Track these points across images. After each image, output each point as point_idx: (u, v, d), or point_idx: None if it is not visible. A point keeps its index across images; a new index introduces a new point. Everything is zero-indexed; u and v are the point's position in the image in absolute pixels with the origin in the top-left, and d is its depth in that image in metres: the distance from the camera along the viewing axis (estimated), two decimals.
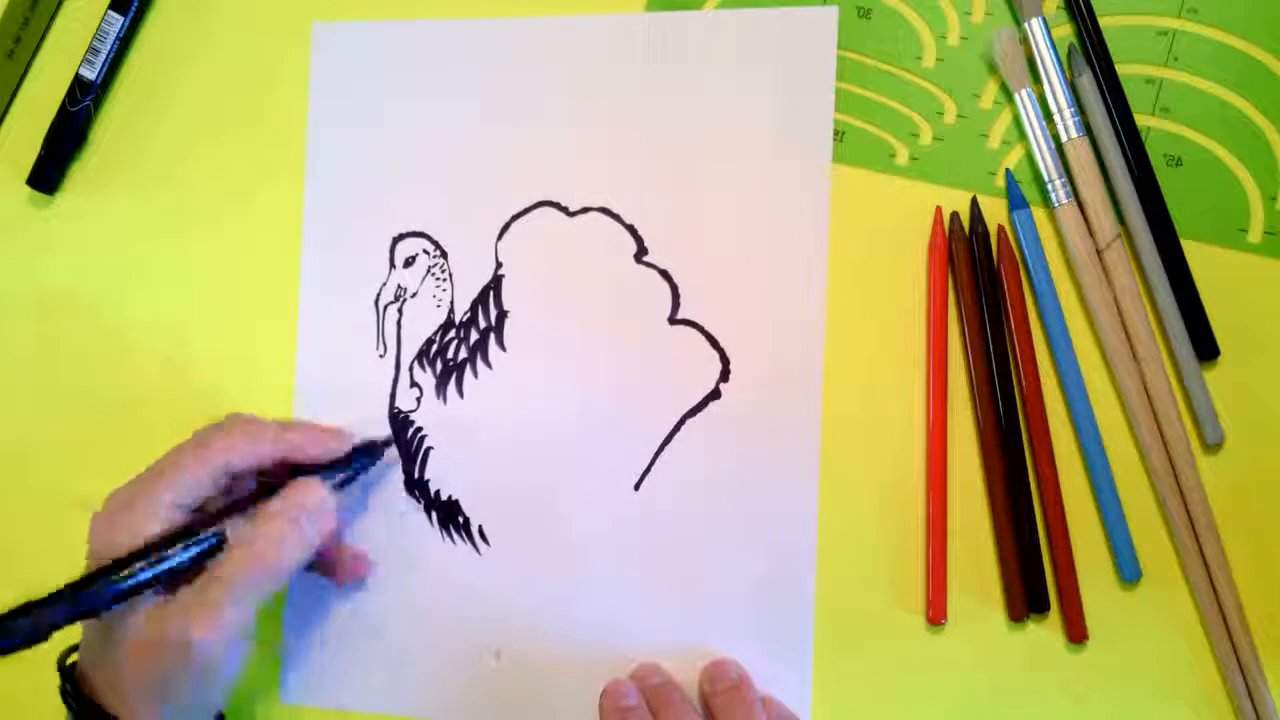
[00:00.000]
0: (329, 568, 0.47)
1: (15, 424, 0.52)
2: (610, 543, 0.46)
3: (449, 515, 0.48)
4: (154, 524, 0.40)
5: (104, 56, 0.51)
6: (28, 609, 0.37)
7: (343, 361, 0.49)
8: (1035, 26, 0.44)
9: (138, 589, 0.39)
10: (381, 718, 0.48)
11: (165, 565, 0.39)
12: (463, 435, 0.48)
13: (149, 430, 0.50)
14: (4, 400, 0.52)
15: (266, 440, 0.44)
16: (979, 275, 0.44)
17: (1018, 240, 0.44)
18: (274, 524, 0.41)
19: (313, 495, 0.43)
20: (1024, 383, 0.44)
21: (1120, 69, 0.44)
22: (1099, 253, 0.44)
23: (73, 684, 0.41)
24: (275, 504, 0.42)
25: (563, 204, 0.48)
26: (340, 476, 0.45)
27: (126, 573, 0.39)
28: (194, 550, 0.40)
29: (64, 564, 0.40)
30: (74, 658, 0.42)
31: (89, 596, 0.38)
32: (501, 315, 0.48)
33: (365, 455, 0.47)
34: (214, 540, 0.41)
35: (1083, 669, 0.44)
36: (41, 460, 0.51)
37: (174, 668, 0.39)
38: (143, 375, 0.51)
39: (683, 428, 0.46)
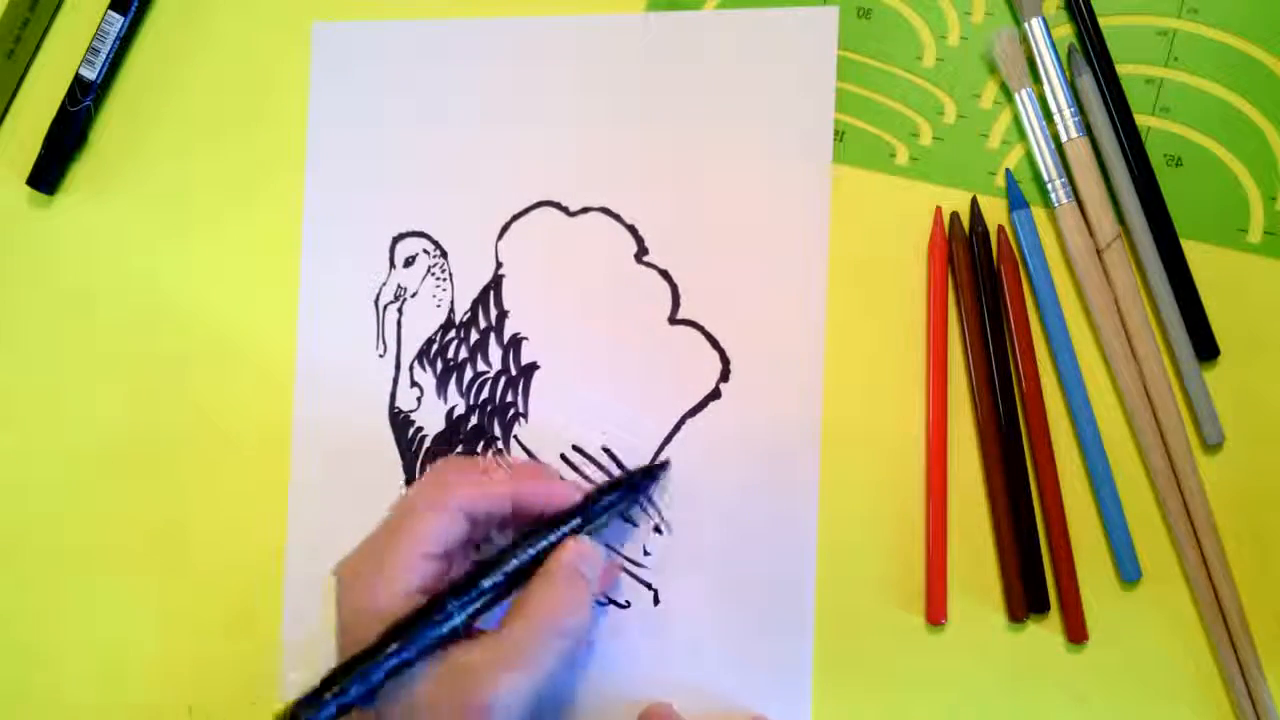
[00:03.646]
0: None
1: (15, 423, 0.52)
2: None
3: None
4: (410, 576, 0.39)
5: (104, 56, 0.51)
6: (337, 676, 0.35)
7: (343, 361, 0.49)
8: (1035, 26, 0.44)
9: (452, 634, 0.38)
10: None
11: (473, 607, 0.38)
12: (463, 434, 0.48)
13: (149, 430, 0.50)
14: (4, 399, 0.52)
15: (497, 488, 0.42)
16: (979, 275, 0.44)
17: (1018, 240, 0.44)
18: (556, 584, 0.40)
19: (587, 553, 0.41)
20: (1024, 383, 0.44)
21: (1120, 69, 0.44)
22: (1099, 253, 0.44)
23: None
24: (551, 565, 0.40)
25: (563, 204, 0.48)
26: (585, 525, 0.43)
27: (439, 616, 0.37)
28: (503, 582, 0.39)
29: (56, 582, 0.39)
30: None
31: (412, 643, 0.37)
32: (502, 315, 0.48)
33: (612, 495, 0.44)
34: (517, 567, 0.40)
35: (1083, 669, 0.44)
36: (42, 461, 0.51)
37: None
38: (143, 375, 0.51)
39: (683, 428, 0.46)
